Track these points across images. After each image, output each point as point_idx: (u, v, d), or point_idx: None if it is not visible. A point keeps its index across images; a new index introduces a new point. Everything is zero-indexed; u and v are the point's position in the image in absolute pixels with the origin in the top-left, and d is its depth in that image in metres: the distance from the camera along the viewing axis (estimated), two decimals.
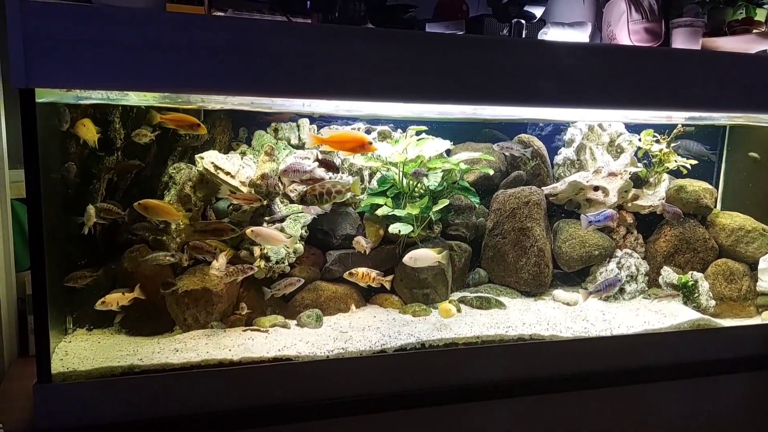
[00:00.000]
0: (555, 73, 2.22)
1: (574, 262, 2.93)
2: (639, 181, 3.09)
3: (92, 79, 1.80)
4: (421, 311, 2.58)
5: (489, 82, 2.14)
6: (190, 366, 2.11)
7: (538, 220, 2.86)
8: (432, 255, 2.47)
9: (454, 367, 2.30)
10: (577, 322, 2.58)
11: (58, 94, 1.97)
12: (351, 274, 2.45)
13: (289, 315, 2.54)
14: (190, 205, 2.53)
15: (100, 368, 2.05)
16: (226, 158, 2.55)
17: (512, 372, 2.35)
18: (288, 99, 2.30)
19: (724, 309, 2.90)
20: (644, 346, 2.51)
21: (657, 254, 3.02)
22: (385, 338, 2.34)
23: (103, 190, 2.51)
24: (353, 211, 2.78)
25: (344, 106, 2.54)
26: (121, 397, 1.98)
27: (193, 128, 2.35)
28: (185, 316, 2.39)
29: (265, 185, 2.46)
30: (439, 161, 2.69)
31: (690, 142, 3.10)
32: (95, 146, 2.30)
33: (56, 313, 2.25)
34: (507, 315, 2.62)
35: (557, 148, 3.22)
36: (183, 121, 2.33)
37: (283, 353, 2.20)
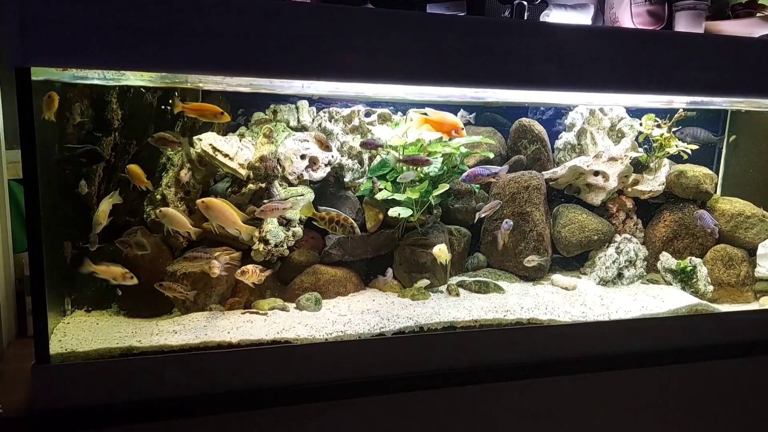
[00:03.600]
0: (556, 56, 2.19)
1: (573, 247, 2.93)
2: (639, 166, 3.08)
3: (89, 58, 1.77)
4: (420, 295, 2.58)
5: (490, 65, 2.12)
6: (188, 348, 2.10)
7: (537, 204, 2.85)
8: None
9: (453, 351, 2.30)
10: (575, 307, 2.58)
11: (54, 73, 1.94)
12: (243, 272, 2.36)
13: (288, 298, 2.54)
14: (188, 186, 2.52)
15: (98, 349, 2.05)
16: (225, 140, 2.53)
17: (510, 356, 2.35)
18: (287, 80, 2.27)
19: (722, 294, 2.90)
20: (642, 330, 2.52)
21: (656, 239, 3.02)
22: (384, 321, 2.34)
23: (101, 171, 2.49)
24: (353, 195, 2.77)
25: (343, 87, 2.52)
26: (119, 378, 1.98)
27: (216, 117, 2.30)
28: (184, 299, 2.38)
29: (263, 168, 2.45)
30: (439, 145, 2.67)
31: (697, 129, 3.08)
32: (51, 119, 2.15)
33: (54, 294, 2.25)
34: (505, 299, 2.62)
35: (558, 132, 3.21)
36: (206, 110, 2.30)
37: (282, 336, 2.19)
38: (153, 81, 2.28)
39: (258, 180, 2.49)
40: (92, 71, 2.01)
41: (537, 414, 2.41)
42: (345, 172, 2.79)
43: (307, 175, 2.64)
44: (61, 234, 2.34)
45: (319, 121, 2.79)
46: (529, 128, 3.00)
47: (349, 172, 2.79)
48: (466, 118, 2.95)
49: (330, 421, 2.17)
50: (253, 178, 2.49)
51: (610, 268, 2.87)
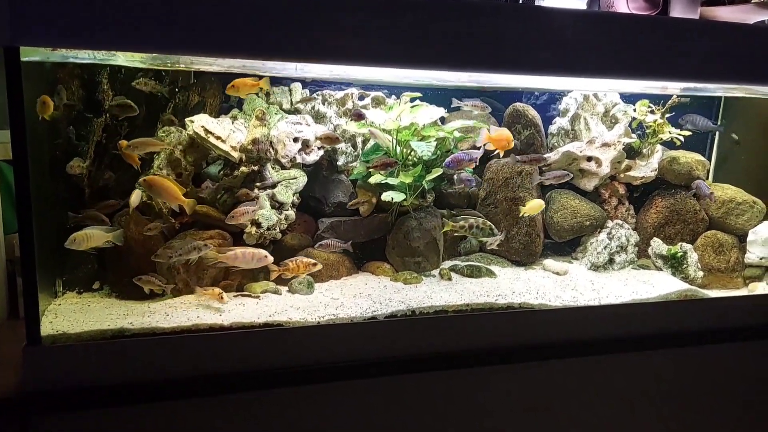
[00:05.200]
0: (550, 41, 2.18)
1: (565, 232, 2.94)
2: (632, 152, 3.08)
3: (80, 39, 1.75)
4: (412, 279, 2.59)
5: (483, 49, 2.10)
6: (180, 330, 2.10)
7: (530, 189, 2.86)
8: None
9: (444, 335, 2.31)
10: (566, 291, 2.59)
11: (44, 53, 1.92)
12: (287, 267, 2.39)
13: (281, 282, 2.54)
14: (180, 169, 2.50)
15: (89, 331, 2.04)
16: (217, 122, 2.51)
17: (501, 340, 2.36)
18: (279, 62, 2.25)
19: (711, 280, 2.93)
20: (632, 315, 2.53)
21: (648, 225, 3.03)
22: (376, 305, 2.34)
23: (92, 153, 2.47)
24: (346, 179, 2.77)
25: (337, 70, 2.50)
26: (110, 360, 1.98)
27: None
28: (176, 282, 2.38)
29: (255, 150, 2.44)
30: (432, 129, 2.67)
31: (696, 117, 3.08)
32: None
33: (46, 276, 2.24)
34: (497, 283, 2.63)
35: (552, 117, 3.20)
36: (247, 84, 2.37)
37: (274, 319, 2.20)
38: (145, 62, 2.25)
39: (250, 163, 2.47)
40: (83, 51, 1.98)
41: (527, 398, 2.43)
42: (338, 155, 2.78)
43: (300, 158, 2.63)
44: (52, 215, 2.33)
45: (313, 104, 2.78)
46: (523, 113, 2.99)
47: (343, 156, 2.78)
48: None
49: (322, 404, 2.18)
50: (245, 161, 2.48)
51: (601, 254, 2.88)
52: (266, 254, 2.33)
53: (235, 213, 2.34)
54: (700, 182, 2.96)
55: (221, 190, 2.52)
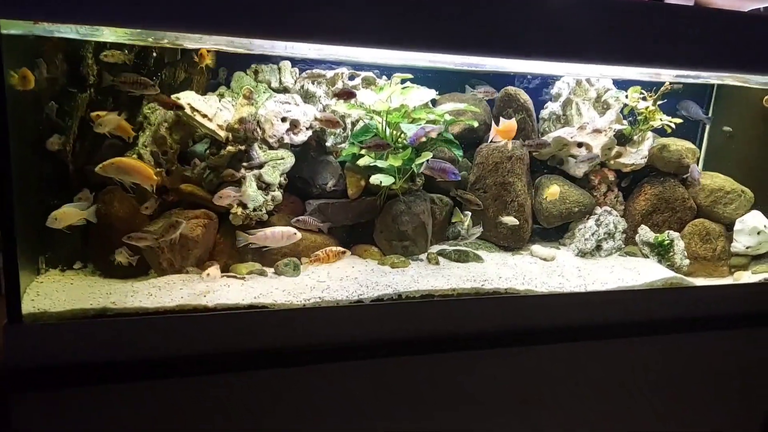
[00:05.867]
0: (544, 25, 2.14)
1: (553, 218, 2.94)
2: (623, 139, 3.07)
3: (61, 12, 1.70)
4: (399, 263, 2.58)
5: (476, 31, 2.07)
6: (164, 311, 2.09)
7: (520, 175, 2.84)
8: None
9: (430, 319, 2.30)
10: (552, 278, 2.60)
11: (25, 26, 1.86)
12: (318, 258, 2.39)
13: (267, 263, 2.52)
14: (166, 147, 2.47)
15: (72, 310, 2.02)
16: (204, 100, 2.47)
17: (487, 325, 2.36)
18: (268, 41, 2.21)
19: (697, 268, 2.94)
20: (617, 302, 2.54)
21: (636, 212, 3.03)
22: (363, 288, 2.33)
23: (76, 129, 2.43)
24: (334, 160, 2.73)
25: (328, 50, 2.45)
26: (92, 339, 1.96)
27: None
28: (160, 261, 2.36)
29: (242, 130, 2.40)
30: (423, 111, 2.64)
31: (690, 104, 3.05)
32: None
33: (28, 253, 2.21)
34: (484, 269, 2.63)
35: (544, 101, 3.18)
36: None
37: (259, 301, 2.18)
38: (130, 38, 2.19)
39: (237, 142, 2.44)
40: (66, 26, 1.93)
41: (512, 382, 2.43)
42: (327, 136, 2.74)
43: (288, 139, 2.59)
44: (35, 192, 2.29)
45: (302, 83, 2.74)
46: (514, 97, 2.96)
47: (331, 137, 2.75)
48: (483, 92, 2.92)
49: (307, 387, 2.18)
50: (232, 141, 2.44)
51: (589, 240, 2.88)
52: (295, 231, 2.36)
53: (222, 194, 2.32)
54: (694, 166, 2.98)
55: (207, 170, 2.48)
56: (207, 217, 2.47)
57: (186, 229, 2.39)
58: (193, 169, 2.45)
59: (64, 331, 1.96)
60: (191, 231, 2.39)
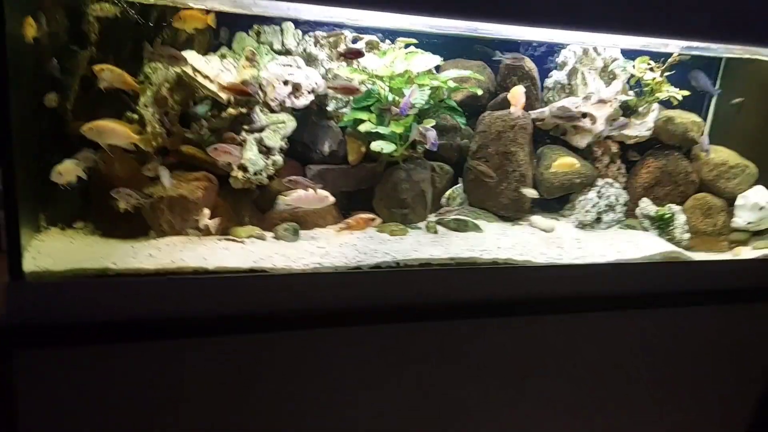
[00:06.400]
0: None
1: (555, 189, 2.93)
2: (628, 110, 3.03)
3: None
4: (398, 231, 2.58)
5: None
6: (164, 272, 2.10)
7: (522, 144, 2.82)
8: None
9: (428, 287, 2.32)
10: (551, 249, 2.60)
11: None
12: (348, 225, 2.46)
13: (267, 227, 2.53)
14: (167, 107, 2.44)
15: (72, 269, 2.04)
16: (205, 61, 2.44)
17: (484, 294, 2.37)
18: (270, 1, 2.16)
19: (697, 243, 2.93)
20: (615, 275, 2.55)
21: (638, 185, 3.02)
22: (361, 255, 2.34)
23: (76, 87, 2.41)
24: (335, 125, 2.71)
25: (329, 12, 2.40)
26: (92, 298, 1.98)
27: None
28: (160, 222, 2.36)
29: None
30: (426, 77, 2.60)
31: (700, 75, 2.98)
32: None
33: (28, 209, 2.21)
34: (483, 238, 2.63)
35: (549, 70, 3.13)
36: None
37: (259, 265, 2.20)
38: None
39: (239, 105, 2.42)
40: None
41: (509, 352, 2.46)
42: (328, 100, 2.71)
43: (290, 102, 2.56)
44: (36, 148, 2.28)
45: (304, 45, 2.70)
46: (519, 65, 2.92)
47: (333, 101, 2.72)
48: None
49: (304, 351, 2.20)
50: (233, 103, 2.42)
51: (589, 212, 2.88)
52: (327, 195, 2.40)
53: (219, 147, 2.30)
54: (705, 138, 2.95)
55: (208, 131, 2.47)
56: (207, 180, 2.46)
57: (186, 190, 2.39)
58: (200, 129, 2.43)
59: (65, 290, 1.98)
60: (192, 193, 2.39)
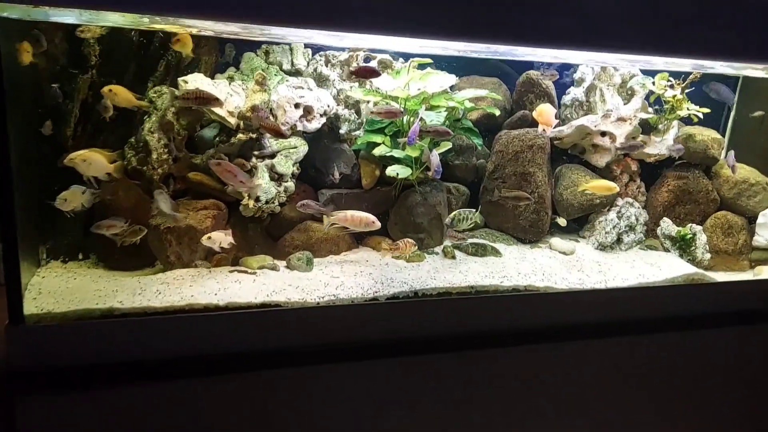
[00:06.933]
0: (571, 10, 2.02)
1: (573, 210, 2.84)
2: (647, 127, 2.94)
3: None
4: (414, 257, 2.48)
5: (497, 18, 1.95)
6: (173, 310, 2.00)
7: (541, 165, 2.72)
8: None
9: (448, 317, 2.23)
10: (572, 273, 2.51)
11: (23, 9, 1.72)
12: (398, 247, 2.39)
13: (278, 255, 2.43)
14: (173, 133, 2.34)
15: (76, 310, 1.92)
16: (213, 83, 2.33)
17: (506, 323, 2.29)
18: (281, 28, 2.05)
19: (718, 262, 2.86)
20: (638, 299, 2.48)
21: (658, 204, 2.93)
22: (378, 285, 2.24)
23: (77, 112, 2.30)
24: (348, 149, 2.61)
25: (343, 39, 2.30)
26: (98, 340, 1.88)
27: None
28: (168, 254, 2.26)
29: (255, 118, 2.27)
30: (442, 98, 2.51)
31: (720, 86, 2.89)
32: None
33: (28, 242, 2.11)
34: (502, 263, 2.54)
35: (565, 85, 3.03)
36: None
37: (272, 299, 2.09)
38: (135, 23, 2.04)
39: (248, 130, 2.31)
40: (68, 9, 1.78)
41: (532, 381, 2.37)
42: (341, 123, 2.61)
43: (301, 126, 2.45)
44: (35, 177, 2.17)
45: (315, 65, 2.59)
46: (536, 82, 2.83)
47: (345, 123, 2.61)
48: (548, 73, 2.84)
49: (321, 387, 2.10)
50: (243, 128, 2.31)
51: (609, 233, 2.79)
52: (374, 220, 2.31)
53: (223, 164, 2.17)
54: (731, 153, 2.86)
55: None
56: (216, 208, 2.36)
57: (195, 220, 2.29)
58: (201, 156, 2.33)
59: (69, 333, 1.88)
60: (200, 223, 2.29)
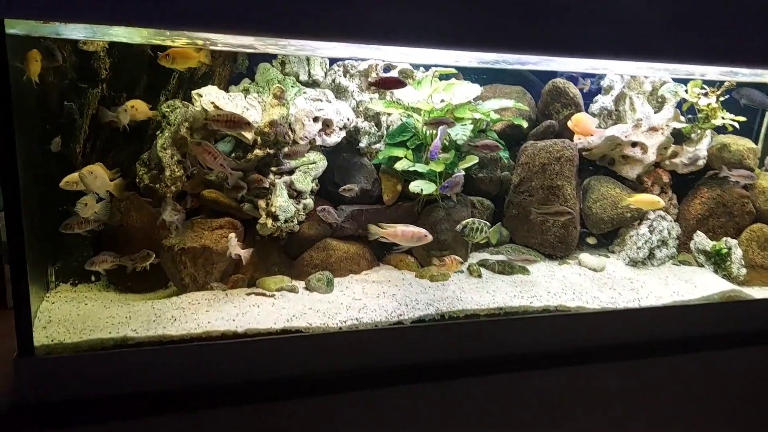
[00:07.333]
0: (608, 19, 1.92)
1: (603, 224, 2.72)
2: (679, 137, 2.82)
3: (71, 10, 1.48)
4: (439, 276, 2.37)
5: (532, 27, 1.85)
6: (190, 338, 1.90)
7: (569, 178, 2.60)
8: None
9: (476, 341, 2.14)
10: (604, 291, 2.41)
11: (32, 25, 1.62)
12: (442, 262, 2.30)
13: (297, 275, 2.33)
14: (186, 149, 2.24)
15: (89, 340, 1.83)
16: (228, 97, 2.22)
17: (537, 345, 2.19)
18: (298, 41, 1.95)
19: (753, 277, 2.74)
20: (674, 317, 2.37)
21: (690, 217, 2.81)
22: (402, 308, 2.14)
23: (86, 128, 2.21)
24: (368, 163, 2.49)
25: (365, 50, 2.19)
26: (113, 372, 1.79)
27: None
28: (182, 276, 2.16)
29: (273, 133, 2.16)
30: (467, 110, 2.39)
31: (753, 91, 2.77)
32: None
33: (37, 264, 2.01)
34: (531, 282, 2.43)
35: (592, 93, 2.91)
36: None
37: (293, 324, 1.99)
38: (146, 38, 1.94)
39: (266, 146, 2.20)
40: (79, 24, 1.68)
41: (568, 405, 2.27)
42: (360, 136, 2.49)
43: (320, 140, 2.34)
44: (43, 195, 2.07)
45: (333, 76, 2.48)
46: (563, 91, 2.71)
47: (365, 136, 2.50)
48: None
49: (346, 415, 2.01)
50: (260, 144, 2.20)
51: (641, 249, 2.66)
52: (426, 233, 2.20)
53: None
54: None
55: None
56: (232, 226, 2.26)
57: (210, 240, 2.19)
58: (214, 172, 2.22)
59: (81, 365, 1.78)
60: (215, 243, 2.19)
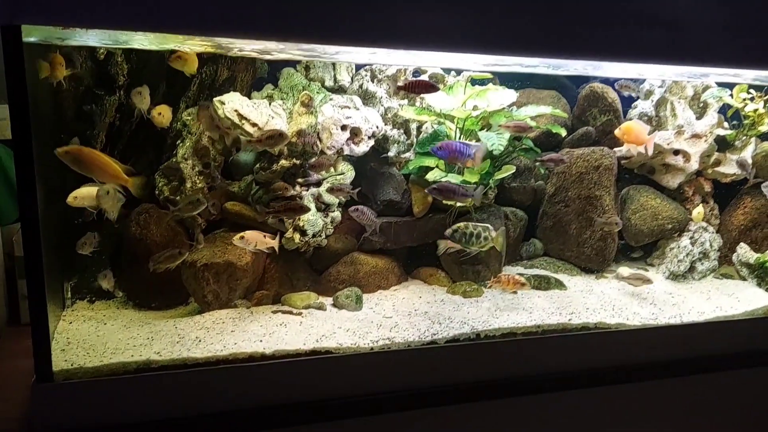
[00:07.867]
0: (658, 19, 1.81)
1: (643, 236, 2.60)
2: (722, 144, 2.68)
3: (89, 16, 1.40)
4: (472, 291, 2.26)
5: (570, 30, 1.76)
6: (215, 361, 1.79)
7: (608, 188, 2.48)
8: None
9: (513, 361, 2.03)
10: (644, 307, 2.29)
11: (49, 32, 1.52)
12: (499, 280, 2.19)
13: (323, 291, 2.23)
14: (209, 159, 2.13)
15: (109, 364, 1.72)
16: (253, 105, 2.11)
17: (576, 364, 2.08)
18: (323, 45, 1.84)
19: None
20: (717, 334, 2.26)
21: (733, 228, 2.68)
22: (435, 326, 2.03)
23: (103, 137, 2.11)
24: (398, 173, 2.38)
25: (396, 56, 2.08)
26: (135, 397, 1.69)
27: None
28: (205, 293, 2.06)
29: (301, 143, 2.05)
30: (502, 116, 2.27)
31: None
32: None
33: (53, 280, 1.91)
34: (568, 298, 2.32)
35: (630, 98, 2.77)
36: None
37: (322, 345, 1.89)
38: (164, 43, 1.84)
39: (293, 156, 2.09)
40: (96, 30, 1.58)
41: (613, 423, 2.17)
42: (389, 144, 2.38)
43: (348, 150, 2.23)
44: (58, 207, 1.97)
45: (360, 81, 2.37)
46: (601, 96, 2.59)
47: (394, 145, 2.38)
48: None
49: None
50: (287, 155, 2.09)
51: (682, 262, 2.54)
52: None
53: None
54: None
55: (255, 185, 2.15)
56: None
57: (233, 255, 2.08)
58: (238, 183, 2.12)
59: (102, 390, 1.68)
60: (239, 259, 2.08)
